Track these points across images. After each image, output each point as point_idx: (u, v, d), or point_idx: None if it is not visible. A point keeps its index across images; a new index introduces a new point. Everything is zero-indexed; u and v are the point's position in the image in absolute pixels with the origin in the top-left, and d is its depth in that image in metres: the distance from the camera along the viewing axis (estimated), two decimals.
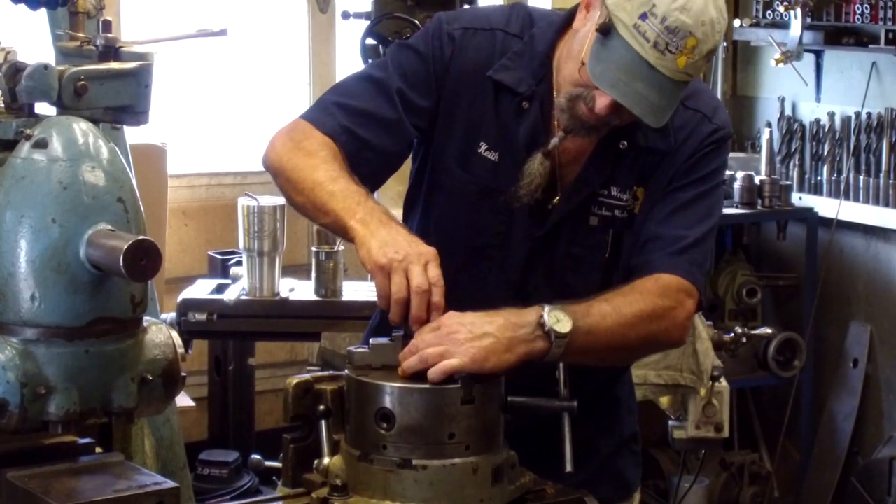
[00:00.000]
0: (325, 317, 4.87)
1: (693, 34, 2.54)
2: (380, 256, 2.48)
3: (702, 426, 5.14)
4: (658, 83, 2.56)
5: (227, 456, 5.57)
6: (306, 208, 2.68)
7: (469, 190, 2.80)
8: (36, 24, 3.67)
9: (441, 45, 2.80)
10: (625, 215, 2.79)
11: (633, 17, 2.54)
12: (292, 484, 2.47)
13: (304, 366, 5.47)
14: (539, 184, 2.74)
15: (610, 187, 2.78)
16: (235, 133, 6.30)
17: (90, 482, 2.22)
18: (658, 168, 2.79)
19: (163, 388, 2.29)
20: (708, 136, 2.81)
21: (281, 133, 2.79)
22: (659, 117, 2.61)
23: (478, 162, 2.79)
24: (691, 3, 2.54)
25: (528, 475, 2.47)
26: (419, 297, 2.43)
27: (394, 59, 2.83)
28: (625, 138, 2.76)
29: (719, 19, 2.58)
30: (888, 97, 6.18)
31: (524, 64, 2.78)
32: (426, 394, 2.36)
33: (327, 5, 6.30)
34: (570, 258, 2.81)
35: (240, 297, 4.87)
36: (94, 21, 2.79)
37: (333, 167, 2.65)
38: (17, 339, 2.15)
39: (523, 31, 2.81)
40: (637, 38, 2.54)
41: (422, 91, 2.79)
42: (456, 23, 2.83)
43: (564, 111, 2.68)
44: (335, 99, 2.80)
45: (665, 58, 2.54)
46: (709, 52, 2.58)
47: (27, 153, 2.16)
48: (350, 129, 2.74)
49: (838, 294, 6.44)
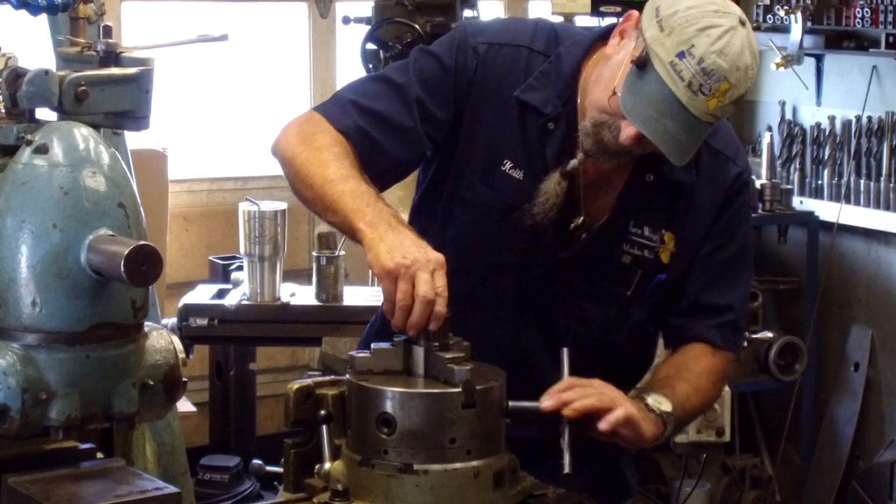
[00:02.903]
0: (326, 322, 4.87)
1: (727, 79, 2.53)
2: (387, 261, 2.47)
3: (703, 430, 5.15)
4: (687, 123, 2.55)
5: (228, 461, 5.57)
6: (314, 204, 2.65)
7: (492, 206, 2.79)
8: (37, 29, 3.68)
9: (465, 58, 2.77)
10: (651, 257, 2.80)
11: (670, 54, 2.53)
12: (293, 489, 2.47)
13: (305, 370, 5.47)
14: (554, 203, 2.73)
15: (643, 227, 2.79)
16: (236, 138, 6.30)
17: (91, 487, 2.22)
18: (687, 214, 2.81)
19: (164, 393, 2.29)
20: (734, 180, 2.83)
21: (294, 123, 2.76)
22: (684, 156, 2.61)
23: (502, 179, 2.77)
24: (729, 48, 2.53)
25: (528, 479, 2.47)
26: (423, 306, 2.43)
27: (416, 64, 2.79)
28: (650, 171, 2.76)
29: (753, 65, 2.57)
30: (889, 101, 6.19)
31: (550, 84, 2.76)
32: (427, 398, 2.36)
33: (328, 10, 6.31)
34: (594, 288, 2.82)
35: (241, 302, 4.87)
36: (95, 26, 2.80)
37: (344, 164, 2.63)
38: (18, 344, 2.15)
39: (548, 48, 2.79)
40: (672, 76, 2.53)
41: (441, 101, 2.77)
42: (481, 36, 2.80)
43: (589, 135, 2.67)
44: (352, 97, 2.77)
45: (697, 99, 2.53)
46: (739, 97, 2.57)
47: (28, 159, 2.16)
48: (364, 130, 2.71)
49: (839, 298, 6.44)
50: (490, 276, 2.81)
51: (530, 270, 2.80)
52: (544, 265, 2.79)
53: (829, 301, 6.41)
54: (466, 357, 2.42)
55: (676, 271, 2.83)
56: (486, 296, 2.78)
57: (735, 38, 2.53)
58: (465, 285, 2.47)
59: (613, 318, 2.83)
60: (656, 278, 2.81)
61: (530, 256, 2.79)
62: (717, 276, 2.85)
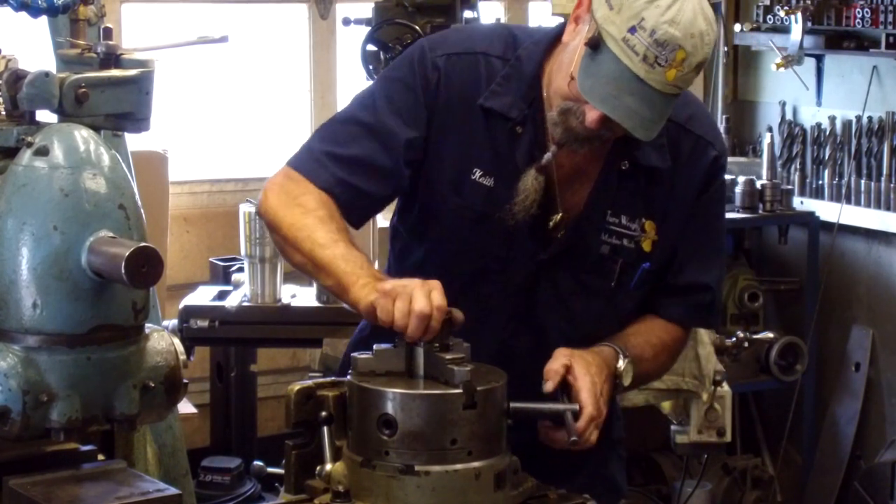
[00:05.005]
0: (326, 323, 4.87)
1: (682, 47, 2.52)
2: (384, 285, 2.50)
3: (704, 431, 5.14)
4: (648, 97, 2.54)
5: (229, 462, 5.57)
6: (305, 267, 2.68)
7: (465, 216, 2.78)
8: (37, 31, 3.68)
9: (426, 74, 2.76)
10: (632, 245, 2.80)
11: (622, 30, 2.52)
12: (294, 490, 2.47)
13: (305, 372, 5.46)
14: (534, 199, 2.72)
15: (620, 216, 2.78)
16: (236, 140, 6.30)
17: (92, 489, 2.22)
18: (668, 201, 2.81)
19: (165, 394, 2.29)
20: (713, 163, 2.84)
21: (274, 185, 2.76)
22: (649, 131, 2.60)
23: (472, 188, 2.77)
24: (680, 16, 2.51)
25: (530, 480, 2.47)
26: (419, 320, 2.42)
27: (382, 95, 2.79)
28: (625, 158, 2.76)
29: (709, 31, 2.55)
30: (889, 101, 6.18)
31: (513, 88, 2.76)
32: (428, 399, 2.36)
33: (328, 12, 6.31)
34: (578, 284, 2.81)
35: (241, 304, 4.88)
36: (95, 28, 2.79)
37: (332, 228, 2.65)
38: (19, 346, 2.15)
39: (507, 52, 2.79)
40: (626, 51, 2.52)
41: (418, 123, 2.76)
42: (439, 49, 2.79)
43: (558, 125, 2.66)
44: (326, 148, 2.76)
45: (654, 71, 2.52)
46: (698, 64, 2.56)
47: (28, 161, 2.16)
48: (345, 181, 2.72)
49: (840, 298, 6.44)
50: (472, 285, 2.79)
51: (512, 276, 2.79)
52: (526, 269, 2.79)
53: (829, 301, 6.41)
54: (467, 358, 2.42)
55: (660, 259, 2.83)
56: (470, 305, 2.75)
57: (686, 6, 2.52)
58: (448, 296, 2.47)
59: (601, 313, 2.82)
60: (640, 268, 2.81)
61: (510, 262, 2.79)
62: (694, 257, 2.87)
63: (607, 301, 2.82)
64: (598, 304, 2.82)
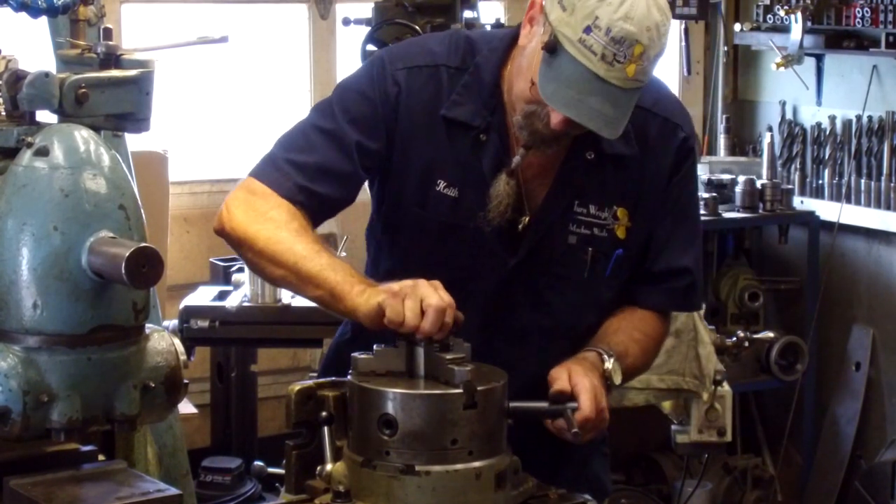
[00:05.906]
0: (326, 323, 4.82)
1: (639, 41, 2.52)
2: (391, 286, 2.50)
3: (704, 430, 5.14)
4: (611, 95, 2.54)
5: (229, 463, 5.57)
6: (286, 280, 2.69)
7: (429, 228, 2.79)
8: (37, 32, 3.68)
9: (386, 88, 2.77)
10: (604, 234, 2.80)
11: (577, 31, 2.52)
12: (295, 490, 2.47)
13: (306, 372, 5.47)
14: (508, 204, 2.72)
15: (588, 205, 2.78)
16: (237, 140, 6.30)
17: (93, 490, 2.22)
18: (640, 186, 2.80)
19: (165, 395, 2.29)
20: (681, 145, 2.84)
21: (238, 201, 2.76)
22: (615, 129, 2.60)
23: (436, 200, 2.77)
24: (634, 11, 2.51)
25: (530, 480, 2.47)
26: (436, 314, 2.42)
27: (340, 104, 2.79)
28: (590, 149, 2.75)
29: (663, 21, 2.56)
30: (889, 100, 6.19)
31: (474, 96, 2.76)
32: (429, 399, 2.36)
33: (328, 12, 6.30)
34: (552, 277, 2.81)
35: (242, 304, 4.87)
36: (95, 29, 2.79)
37: (309, 239, 2.67)
38: (20, 346, 2.15)
39: (465, 60, 2.79)
40: (584, 52, 2.52)
41: (374, 134, 2.76)
42: (399, 62, 2.79)
43: (523, 128, 2.67)
44: (287, 156, 2.77)
45: (614, 68, 2.52)
46: (656, 55, 2.56)
47: (28, 161, 2.16)
48: (307, 189, 2.73)
49: (840, 298, 6.44)
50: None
51: (484, 283, 2.79)
52: (496, 276, 2.79)
53: (830, 301, 6.41)
54: (467, 358, 2.42)
55: (636, 245, 2.83)
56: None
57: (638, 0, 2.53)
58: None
59: (579, 304, 2.82)
60: (614, 255, 2.81)
61: (480, 271, 2.79)
62: (670, 240, 2.87)
63: (584, 292, 2.82)
64: (575, 295, 2.82)
